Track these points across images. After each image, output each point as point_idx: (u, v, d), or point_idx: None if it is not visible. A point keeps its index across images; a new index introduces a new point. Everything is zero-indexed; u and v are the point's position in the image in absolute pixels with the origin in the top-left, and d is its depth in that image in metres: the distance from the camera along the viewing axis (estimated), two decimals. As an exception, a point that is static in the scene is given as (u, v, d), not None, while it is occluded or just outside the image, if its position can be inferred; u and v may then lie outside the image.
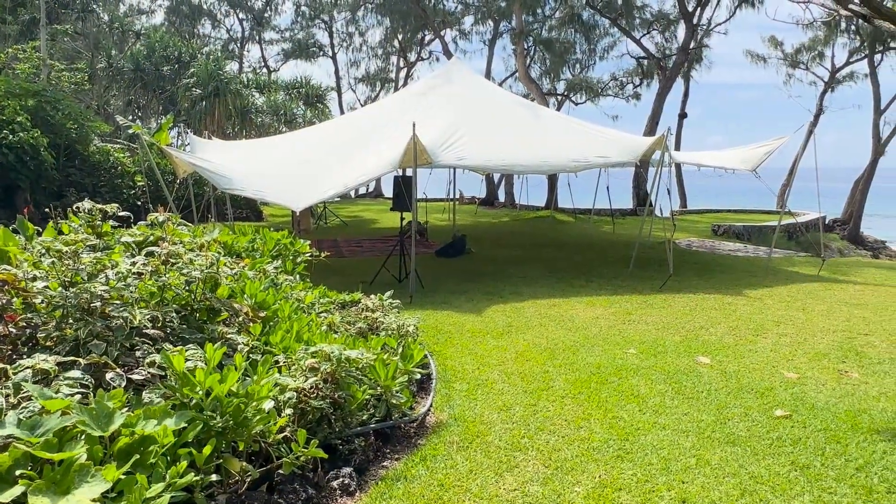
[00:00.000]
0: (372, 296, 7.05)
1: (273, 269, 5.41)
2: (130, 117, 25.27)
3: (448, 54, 23.92)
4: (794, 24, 24.44)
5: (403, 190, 8.97)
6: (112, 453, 2.16)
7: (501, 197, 26.57)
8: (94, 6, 24.69)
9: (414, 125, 8.60)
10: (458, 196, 28.53)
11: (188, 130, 17.73)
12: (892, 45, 21.22)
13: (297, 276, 6.12)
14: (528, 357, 5.85)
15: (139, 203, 18.56)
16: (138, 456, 2.13)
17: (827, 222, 21.14)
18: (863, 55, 22.97)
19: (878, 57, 21.84)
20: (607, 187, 16.66)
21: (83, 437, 2.12)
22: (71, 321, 2.82)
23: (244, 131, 18.56)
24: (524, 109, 11.71)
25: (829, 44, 24.17)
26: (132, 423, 2.25)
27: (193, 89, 18.57)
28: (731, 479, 3.51)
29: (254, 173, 9.16)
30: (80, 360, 2.57)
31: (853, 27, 22.35)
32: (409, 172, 9.08)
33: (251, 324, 3.92)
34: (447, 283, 9.89)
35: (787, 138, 10.60)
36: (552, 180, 21.95)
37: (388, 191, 33.55)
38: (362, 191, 36.20)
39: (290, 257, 6.67)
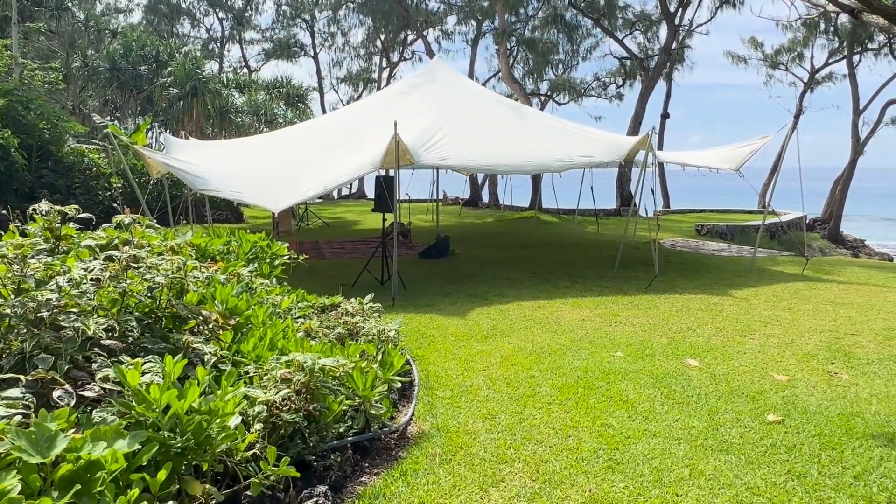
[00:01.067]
0: (352, 299, 6.84)
1: (248, 272, 5.18)
2: (108, 118, 24.76)
3: (431, 54, 23.76)
4: (775, 25, 24.59)
5: (385, 191, 8.76)
6: (53, 482, 1.94)
7: (485, 197, 26.44)
8: (69, 4, 24.15)
9: (395, 124, 8.40)
10: (441, 197, 28.42)
11: (163, 130, 17.38)
12: (869, 45, 21.45)
13: (274, 280, 5.89)
14: (514, 361, 5.68)
15: (115, 205, 18.18)
16: (81, 485, 1.91)
17: (808, 222, 21.27)
18: (841, 56, 23.19)
19: (856, 58, 22.04)
20: (591, 187, 16.58)
21: (19, 464, 1.90)
22: (17, 333, 2.58)
23: (224, 132, 18.21)
24: (508, 109, 11.56)
25: (809, 45, 24.40)
26: (77, 446, 2.03)
27: (171, 89, 18.18)
28: (726, 490, 3.36)
29: (231, 174, 8.90)
30: (22, 376, 2.33)
31: (832, 27, 22.57)
32: (391, 173, 8.88)
33: (221, 331, 3.70)
34: (431, 285, 9.70)
35: (770, 137, 10.56)
36: (536, 181, 21.86)
37: (371, 192, 33.30)
38: (345, 192, 35.90)
39: (267, 260, 6.43)
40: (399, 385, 4.00)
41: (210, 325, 3.54)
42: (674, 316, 7.60)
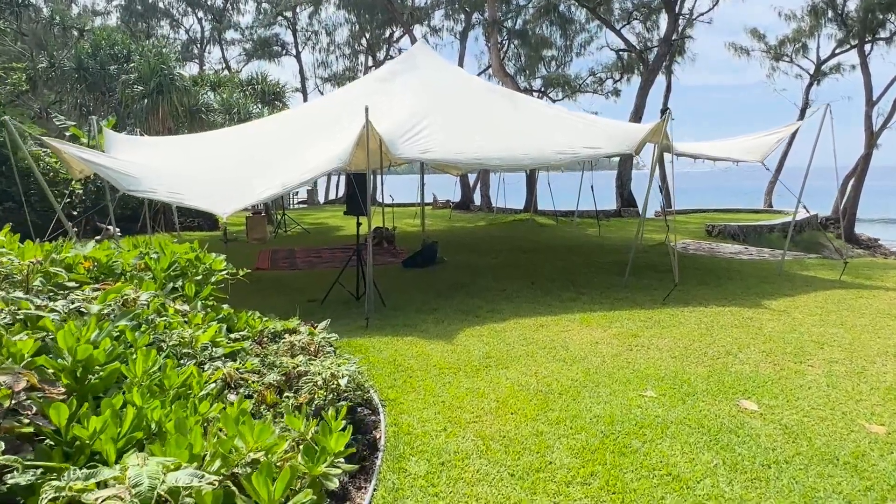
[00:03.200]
0: (303, 326, 5.47)
1: (149, 297, 3.80)
2: (86, 125, 23.33)
3: (417, 50, 22.33)
4: (777, 16, 23.45)
5: (356, 190, 7.40)
6: None
7: (477, 200, 25.11)
8: (32, 0, 22.69)
9: (367, 109, 7.06)
10: (431, 200, 27.06)
11: (132, 131, 15.99)
12: (881, 34, 20.28)
13: (199, 305, 4.51)
14: (514, 407, 4.33)
15: (76, 212, 16.73)
16: None
17: (820, 220, 20.05)
18: (851, 45, 22.00)
19: (867, 46, 20.85)
20: (592, 187, 15.27)
21: None
22: None
23: (194, 132, 16.82)
24: (500, 97, 10.23)
25: (815, 35, 23.21)
26: None
27: (134, 86, 16.76)
28: None
29: (175, 173, 7.53)
30: None
31: (839, 16, 21.40)
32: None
33: (49, 402, 2.32)
34: (414, 299, 8.35)
35: (799, 125, 9.28)
36: (531, 181, 20.55)
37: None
38: (331, 196, 34.52)
39: (199, 277, 5.05)
40: (335, 481, 2.60)
41: (21, 396, 2.17)
42: (705, 335, 6.27)
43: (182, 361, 3.59)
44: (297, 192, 29.68)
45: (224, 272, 5.23)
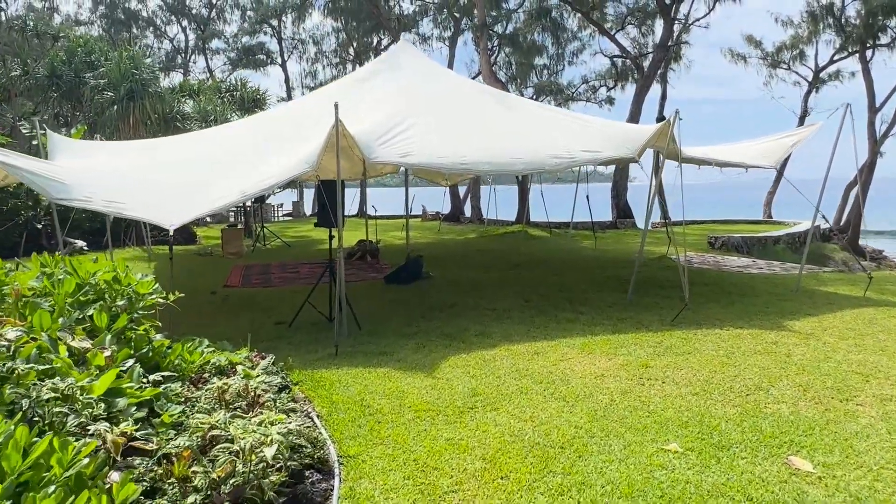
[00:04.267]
0: (256, 357, 4.60)
1: (17, 334, 2.88)
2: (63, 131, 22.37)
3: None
4: (774, 21, 22.88)
5: (326, 199, 6.52)
6: None
7: (468, 211, 24.27)
8: (1, 5, 21.83)
9: (337, 106, 6.19)
10: (420, 211, 26.19)
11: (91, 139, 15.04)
12: (882, 40, 19.69)
13: (108, 339, 3.58)
14: (505, 468, 3.43)
15: (39, 226, 15.74)
16: None
17: (822, 231, 19.32)
18: (850, 51, 21.41)
19: (869, 52, 20.24)
20: (587, 196, 14.44)
21: None
22: None
23: (167, 141, 15.93)
24: (490, 98, 9.39)
25: (813, 41, 22.64)
26: None
27: (104, 92, 15.85)
28: None
29: (120, 179, 6.63)
30: None
31: (839, 22, 20.82)
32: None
33: None
34: (394, 320, 7.45)
35: (819, 125, 8.49)
36: (524, 192, 19.74)
37: (346, 207, 31.02)
38: (317, 208, 33.60)
39: (122, 302, 4.13)
40: None
41: None
42: (727, 365, 5.39)
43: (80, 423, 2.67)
44: (283, 205, 28.75)
45: (153, 296, 4.31)
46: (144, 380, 3.63)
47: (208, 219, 26.43)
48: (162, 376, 3.69)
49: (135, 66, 15.87)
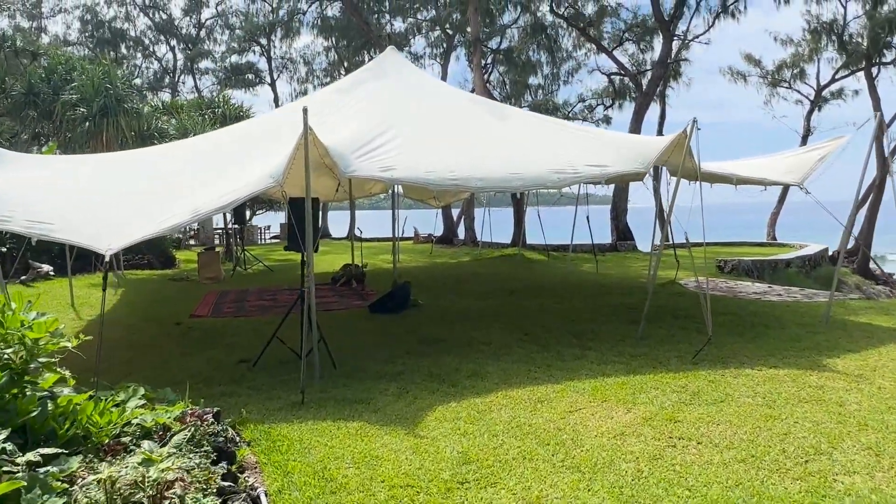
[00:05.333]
0: (196, 413, 3.70)
1: None
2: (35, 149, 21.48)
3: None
4: (773, 40, 22.38)
5: (293, 218, 5.62)
6: None
7: (462, 233, 23.41)
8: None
9: (306, 111, 5.33)
10: (412, 234, 25.30)
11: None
12: (887, 57, 19.14)
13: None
14: (506, 586, 2.47)
15: (4, 249, 14.73)
16: None
17: (831, 254, 18.54)
18: (854, 69, 20.85)
19: (875, 69, 19.67)
20: (587, 217, 13.59)
21: None
22: None
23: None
24: (484, 109, 8.56)
25: (814, 59, 22.11)
26: None
27: (76, 108, 15.00)
28: None
29: (47, 198, 5.71)
30: None
31: (840, 39, 20.29)
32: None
33: None
34: (375, 356, 6.52)
35: (847, 138, 7.70)
36: (519, 213, 18.90)
37: (335, 230, 30.07)
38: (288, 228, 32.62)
39: (11, 348, 3.18)
40: None
41: None
42: (771, 419, 4.47)
43: None
44: (269, 227, 27.81)
45: (55, 341, 3.36)
46: (19, 457, 2.69)
47: (192, 241, 25.47)
48: (43, 455, 2.73)
49: (109, 81, 15.02)
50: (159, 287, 13.05)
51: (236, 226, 16.24)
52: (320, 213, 5.80)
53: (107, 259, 4.97)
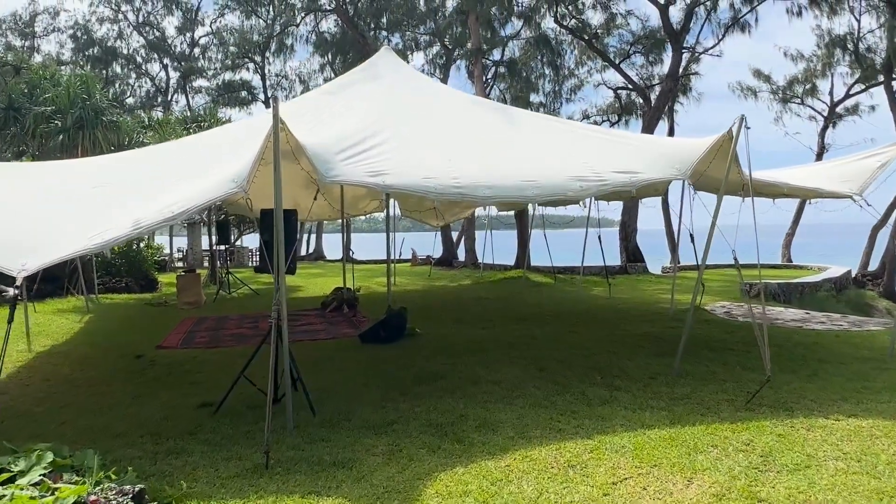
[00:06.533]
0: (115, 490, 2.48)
1: None
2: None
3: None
4: (783, 55, 21.62)
5: (261, 233, 4.57)
6: None
7: (462, 255, 22.37)
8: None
9: (275, 99, 4.31)
10: (410, 256, 24.23)
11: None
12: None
13: None
14: None
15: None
16: None
17: (853, 277, 17.49)
18: (868, 84, 20.02)
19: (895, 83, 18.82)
20: (599, 237, 12.55)
21: None
22: None
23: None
24: (491, 110, 7.57)
25: (827, 73, 21.33)
26: None
27: (51, 120, 14.03)
28: None
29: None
30: None
31: (856, 53, 19.50)
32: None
33: None
34: (363, 400, 5.44)
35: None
36: (523, 232, 17.86)
37: (329, 252, 28.98)
38: (302, 251, 31.60)
39: None
40: None
41: None
42: (880, 494, 3.37)
43: None
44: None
45: None
46: None
47: (180, 263, 24.34)
48: None
49: (87, 92, 14.08)
50: (133, 313, 11.93)
51: (220, 247, 15.13)
52: (298, 226, 4.70)
53: (18, 282, 3.90)
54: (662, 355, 6.97)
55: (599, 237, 12.59)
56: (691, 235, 9.69)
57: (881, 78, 19.40)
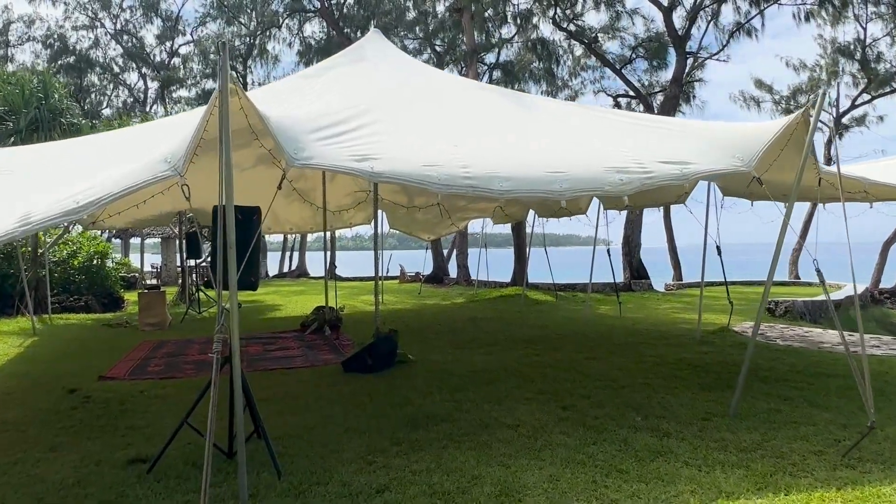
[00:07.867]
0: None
1: None
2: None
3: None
4: (785, 66, 20.87)
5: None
6: None
7: (453, 271, 21.14)
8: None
9: (224, 45, 3.10)
10: (398, 273, 22.95)
11: None
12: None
13: None
14: None
15: None
16: None
17: (869, 294, 16.49)
18: (877, 92, 19.27)
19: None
20: (608, 250, 11.42)
21: None
22: None
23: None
24: (498, 96, 6.41)
25: (832, 83, 20.59)
26: None
27: (3, 122, 12.71)
28: None
29: None
30: None
31: (863, 62, 18.76)
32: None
33: None
34: (343, 453, 4.19)
35: None
36: (521, 246, 16.70)
37: (313, 268, 27.59)
38: (286, 267, 30.21)
39: None
40: None
41: None
42: None
43: None
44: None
45: None
46: None
47: (153, 280, 22.83)
48: None
49: (43, 92, 12.80)
50: (87, 335, 10.53)
51: (189, 262, 13.79)
52: (259, 226, 3.38)
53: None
54: (708, 388, 5.80)
55: (608, 251, 11.48)
56: (718, 248, 8.62)
57: (888, 88, 18.66)
